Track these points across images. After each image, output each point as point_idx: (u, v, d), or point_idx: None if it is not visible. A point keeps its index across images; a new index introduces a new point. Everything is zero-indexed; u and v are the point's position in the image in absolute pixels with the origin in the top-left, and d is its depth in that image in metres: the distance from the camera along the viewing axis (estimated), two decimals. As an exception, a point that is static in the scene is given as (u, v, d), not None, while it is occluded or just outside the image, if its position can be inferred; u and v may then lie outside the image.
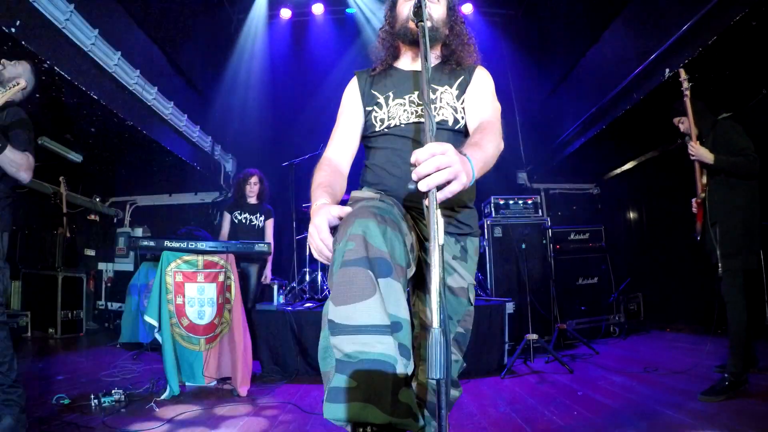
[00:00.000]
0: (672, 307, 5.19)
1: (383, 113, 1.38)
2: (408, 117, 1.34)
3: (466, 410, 2.24)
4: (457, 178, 0.83)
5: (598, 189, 6.77)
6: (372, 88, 1.43)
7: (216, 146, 6.32)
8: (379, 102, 1.39)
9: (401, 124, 1.34)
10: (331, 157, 1.35)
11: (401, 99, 1.37)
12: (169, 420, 2.12)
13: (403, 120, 1.34)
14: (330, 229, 1.05)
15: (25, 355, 3.97)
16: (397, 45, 1.46)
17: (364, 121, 1.42)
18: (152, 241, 2.89)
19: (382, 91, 1.41)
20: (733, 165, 2.55)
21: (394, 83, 1.41)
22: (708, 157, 2.58)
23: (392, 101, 1.38)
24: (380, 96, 1.40)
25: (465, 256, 1.36)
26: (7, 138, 1.86)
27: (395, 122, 1.35)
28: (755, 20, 2.81)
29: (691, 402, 2.16)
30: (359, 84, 1.46)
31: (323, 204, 1.12)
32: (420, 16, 1.00)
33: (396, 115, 1.36)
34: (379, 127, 1.38)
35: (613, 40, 4.43)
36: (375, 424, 0.86)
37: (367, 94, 1.42)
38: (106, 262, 6.14)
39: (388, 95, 1.39)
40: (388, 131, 1.36)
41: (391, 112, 1.37)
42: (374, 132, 1.39)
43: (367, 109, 1.41)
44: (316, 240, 1.04)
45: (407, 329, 0.98)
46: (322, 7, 5.87)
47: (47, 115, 4.25)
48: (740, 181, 2.57)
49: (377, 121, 1.38)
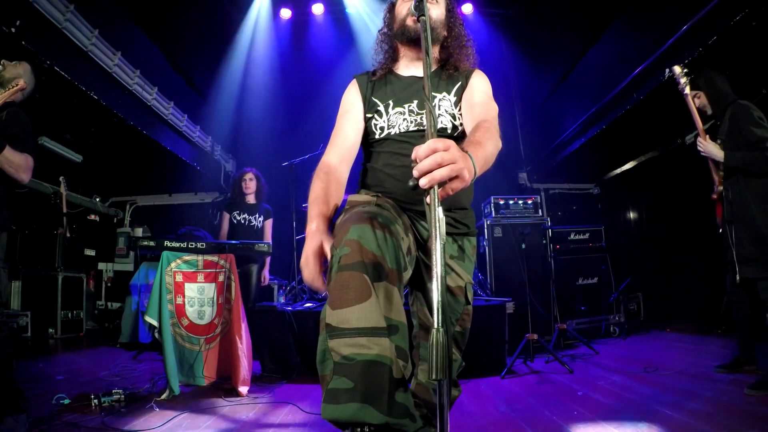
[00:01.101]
0: (672, 307, 5.19)
1: (383, 121, 1.38)
2: (407, 126, 1.35)
3: (466, 410, 2.24)
4: (459, 175, 0.82)
5: (598, 189, 6.77)
6: (373, 94, 1.43)
7: (216, 146, 6.32)
8: (380, 110, 1.40)
9: (400, 133, 1.35)
10: (330, 163, 1.33)
11: (401, 108, 1.37)
12: (169, 420, 2.12)
13: (403, 129, 1.35)
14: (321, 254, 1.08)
15: (25, 355, 3.98)
16: (396, 46, 1.46)
17: (364, 126, 1.42)
18: (152, 241, 2.89)
19: (383, 98, 1.41)
20: (747, 161, 2.39)
21: (394, 91, 1.41)
22: (718, 154, 2.47)
23: (392, 109, 1.38)
24: (380, 104, 1.40)
25: (462, 255, 1.36)
26: (7, 139, 1.86)
27: (395, 131, 1.36)
28: (755, 20, 2.81)
29: (690, 402, 2.16)
30: (360, 89, 1.45)
31: (315, 231, 1.12)
32: (421, 9, 0.98)
33: (396, 123, 1.36)
34: (379, 135, 1.38)
35: (613, 40, 4.43)
36: (372, 424, 0.87)
37: (368, 100, 1.42)
38: (106, 262, 6.14)
39: (388, 103, 1.39)
40: (388, 138, 1.37)
41: (390, 120, 1.37)
42: (374, 139, 1.39)
43: (367, 116, 1.41)
44: (305, 273, 1.08)
45: (404, 332, 0.99)
46: (322, 7, 5.87)
47: (47, 115, 4.25)
48: (756, 179, 2.40)
49: (377, 129, 1.39)
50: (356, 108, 1.43)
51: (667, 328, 4.88)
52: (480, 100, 1.34)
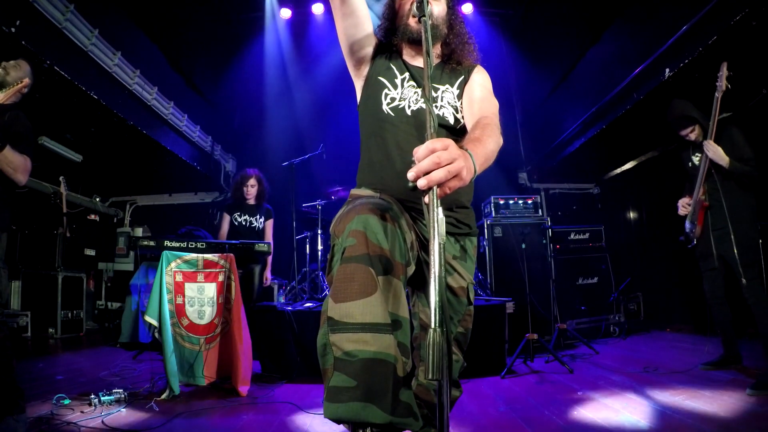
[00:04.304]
0: (672, 307, 5.19)
1: (396, 93, 1.34)
2: (417, 99, 1.32)
3: (466, 410, 2.24)
4: (458, 175, 0.80)
5: (598, 189, 6.77)
6: (391, 60, 1.39)
7: (216, 146, 6.32)
8: (395, 81, 1.36)
9: (408, 108, 1.31)
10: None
11: (414, 82, 1.34)
12: (169, 420, 2.12)
13: (413, 102, 1.32)
14: None
15: (25, 355, 3.97)
16: (397, 43, 1.43)
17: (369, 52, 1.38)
18: (152, 241, 2.89)
19: (401, 69, 1.38)
20: (742, 171, 2.57)
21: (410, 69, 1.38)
22: (724, 159, 2.55)
23: (407, 82, 1.35)
24: (398, 73, 1.37)
25: (464, 255, 1.36)
26: (8, 139, 1.86)
27: (404, 104, 1.32)
28: (755, 20, 2.81)
29: (690, 402, 2.16)
30: None
31: None
32: (422, 11, 0.98)
33: (407, 96, 1.33)
34: (386, 104, 1.33)
35: (613, 40, 4.43)
36: (376, 424, 0.86)
37: (385, 61, 1.39)
38: (106, 262, 6.14)
39: (405, 76, 1.36)
40: (393, 114, 1.32)
41: (404, 93, 1.34)
42: (379, 110, 1.34)
43: (379, 78, 1.37)
44: None
45: (407, 328, 0.97)
46: (322, 6, 5.87)
47: (47, 115, 4.25)
48: (744, 187, 2.62)
49: (387, 99, 1.34)
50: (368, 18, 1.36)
51: (667, 328, 4.88)
52: (480, 95, 1.33)
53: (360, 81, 1.44)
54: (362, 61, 1.40)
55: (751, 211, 2.62)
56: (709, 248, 2.70)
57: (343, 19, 1.30)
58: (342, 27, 1.33)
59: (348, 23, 1.31)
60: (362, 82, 1.43)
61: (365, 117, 1.40)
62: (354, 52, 1.38)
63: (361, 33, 1.34)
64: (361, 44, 1.36)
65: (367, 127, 1.39)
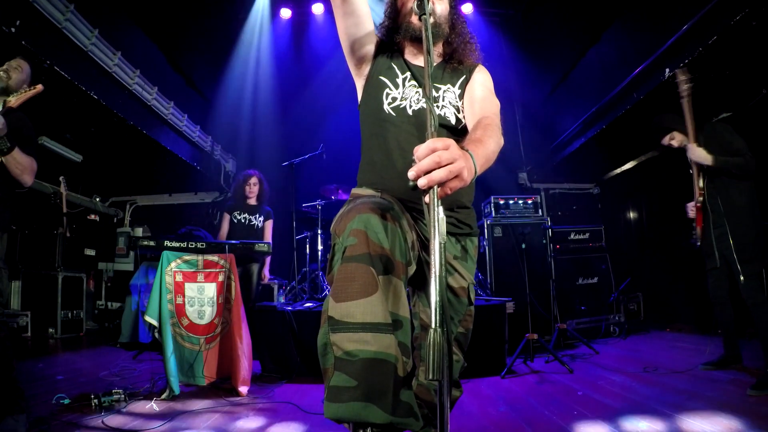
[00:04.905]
0: (672, 307, 5.19)
1: (397, 93, 1.34)
2: (418, 99, 1.31)
3: (466, 410, 2.24)
4: (459, 175, 0.80)
5: (598, 189, 6.77)
6: (392, 60, 1.39)
7: (216, 146, 6.32)
8: (396, 81, 1.35)
9: (410, 108, 1.31)
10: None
11: (415, 82, 1.34)
12: (169, 420, 2.11)
13: (414, 102, 1.31)
14: None
15: (25, 355, 3.97)
16: (399, 42, 1.42)
17: (368, 51, 1.38)
18: (152, 241, 2.89)
19: (402, 69, 1.37)
20: (732, 164, 2.56)
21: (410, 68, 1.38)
22: (707, 158, 2.59)
23: (408, 82, 1.35)
24: (397, 68, 1.37)
25: (465, 255, 1.35)
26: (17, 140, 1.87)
27: (405, 104, 1.32)
28: (755, 20, 2.81)
29: (691, 402, 2.16)
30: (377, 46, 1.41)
31: None
32: (423, 9, 0.98)
33: (408, 96, 1.33)
34: (388, 104, 1.33)
35: (613, 40, 4.43)
36: (376, 423, 0.86)
37: (386, 61, 1.38)
38: (106, 262, 6.14)
39: (406, 76, 1.36)
40: (394, 113, 1.32)
41: (405, 93, 1.33)
42: (380, 110, 1.34)
43: (380, 78, 1.37)
44: None
45: (407, 328, 0.97)
46: (322, 6, 5.87)
47: (47, 115, 4.25)
48: (740, 181, 2.60)
49: (388, 98, 1.34)
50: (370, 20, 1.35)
51: (667, 328, 4.88)
52: (482, 95, 1.33)
53: (361, 80, 1.44)
54: (363, 61, 1.40)
55: (748, 203, 2.58)
56: (710, 247, 2.71)
57: (344, 18, 1.30)
58: (343, 26, 1.32)
59: (349, 22, 1.31)
60: (363, 82, 1.43)
61: (366, 117, 1.40)
62: (355, 51, 1.38)
63: (362, 32, 1.34)
64: (362, 43, 1.36)
65: (368, 127, 1.38)
